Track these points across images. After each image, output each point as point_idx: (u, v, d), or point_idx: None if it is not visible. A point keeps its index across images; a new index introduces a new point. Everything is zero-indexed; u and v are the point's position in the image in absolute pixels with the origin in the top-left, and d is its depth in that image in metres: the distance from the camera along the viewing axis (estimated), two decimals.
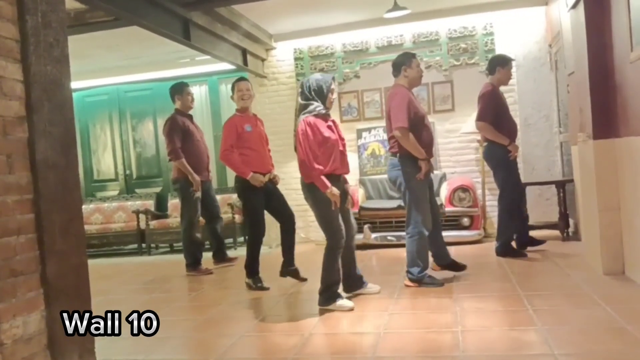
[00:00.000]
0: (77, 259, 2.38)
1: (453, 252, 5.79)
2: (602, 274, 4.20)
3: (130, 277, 6.07)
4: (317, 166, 3.76)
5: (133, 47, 7.20)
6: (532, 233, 6.30)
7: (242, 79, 5.14)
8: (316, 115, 3.83)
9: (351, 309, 3.81)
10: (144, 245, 7.76)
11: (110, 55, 7.57)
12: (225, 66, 7.53)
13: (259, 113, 5.21)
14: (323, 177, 3.77)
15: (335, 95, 4.03)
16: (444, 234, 6.12)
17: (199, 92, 8.61)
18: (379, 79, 7.00)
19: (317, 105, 3.85)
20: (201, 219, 5.82)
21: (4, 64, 2.12)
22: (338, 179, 3.93)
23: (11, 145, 2.13)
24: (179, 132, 5.49)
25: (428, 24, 7.04)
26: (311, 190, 3.84)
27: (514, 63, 6.80)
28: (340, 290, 4.04)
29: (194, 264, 5.64)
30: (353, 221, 4.22)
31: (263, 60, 7.61)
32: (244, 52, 6.92)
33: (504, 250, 5.22)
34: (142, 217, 7.70)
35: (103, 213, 8.31)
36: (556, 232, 6.04)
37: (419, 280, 4.30)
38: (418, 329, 3.40)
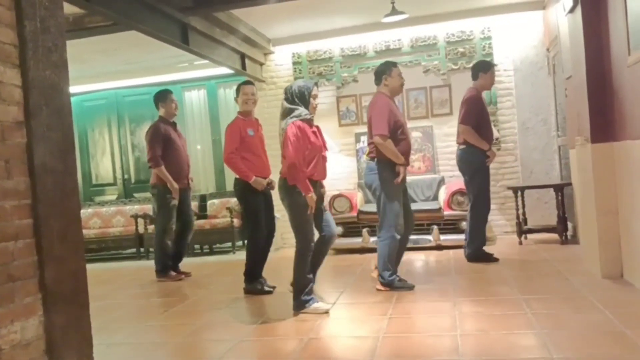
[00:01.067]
0: (75, 263, 2.38)
1: (451, 255, 5.82)
2: (601, 278, 4.21)
3: (129, 282, 6.05)
4: (303, 169, 3.82)
5: (131, 52, 7.21)
6: (531, 237, 6.33)
7: (248, 82, 5.09)
8: (302, 120, 3.89)
9: (326, 312, 3.84)
10: (142, 249, 7.75)
11: (109, 60, 7.57)
12: (224, 70, 7.55)
13: (256, 116, 5.17)
14: (307, 181, 3.83)
15: (317, 101, 4.06)
16: (442, 237, 6.21)
17: (197, 96, 8.63)
18: None
19: (302, 111, 3.92)
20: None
21: (2, 69, 2.12)
22: (315, 185, 3.97)
23: (9, 150, 2.13)
24: (160, 140, 5.49)
25: (426, 28, 7.06)
26: (290, 192, 3.87)
27: (511, 66, 6.86)
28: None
29: (163, 270, 5.66)
30: (331, 220, 4.16)
31: (261, 64, 7.62)
32: (243, 57, 6.93)
33: (475, 256, 5.23)
34: (140, 221, 7.69)
35: (101, 217, 8.30)
36: (555, 236, 6.04)
37: (390, 284, 4.34)
38: (417, 333, 3.40)
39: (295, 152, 3.79)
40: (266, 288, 4.71)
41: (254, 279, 4.74)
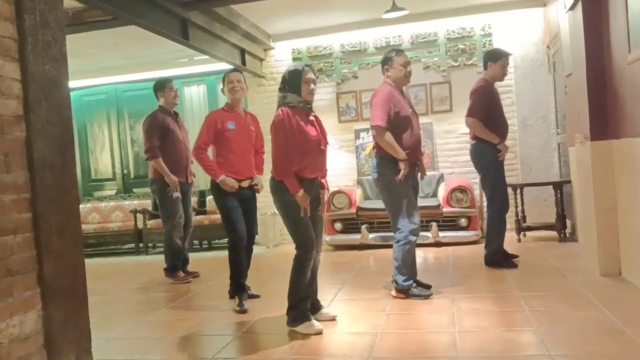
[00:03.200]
0: (74, 258, 2.38)
1: (450, 252, 5.83)
2: (599, 275, 4.21)
3: (127, 277, 6.06)
4: (290, 163, 3.41)
5: (131, 47, 7.20)
6: (530, 234, 6.34)
7: (233, 70, 4.66)
8: (294, 107, 3.47)
9: (318, 333, 3.40)
10: (141, 244, 7.77)
11: (109, 55, 7.56)
12: (224, 66, 7.50)
13: (256, 113, 5.05)
14: (294, 178, 3.41)
15: (313, 86, 3.53)
16: (442, 234, 6.21)
17: (197, 92, 8.63)
18: (377, 80, 6.85)
19: (293, 97, 3.49)
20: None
21: (2, 62, 2.12)
22: (311, 183, 3.52)
23: (8, 144, 2.12)
24: (157, 130, 5.24)
25: (426, 24, 7.06)
26: (279, 191, 3.46)
27: (511, 63, 6.84)
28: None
29: (171, 269, 5.41)
30: (321, 232, 3.72)
31: (261, 60, 7.61)
32: (243, 52, 6.92)
33: (492, 260, 4.90)
34: (139, 216, 7.70)
35: (100, 212, 8.30)
36: (553, 233, 6.05)
37: (405, 291, 4.06)
38: (415, 329, 3.40)
39: (279, 142, 3.42)
40: (241, 308, 4.10)
41: (238, 289, 4.29)
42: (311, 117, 3.57)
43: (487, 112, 4.85)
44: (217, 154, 4.32)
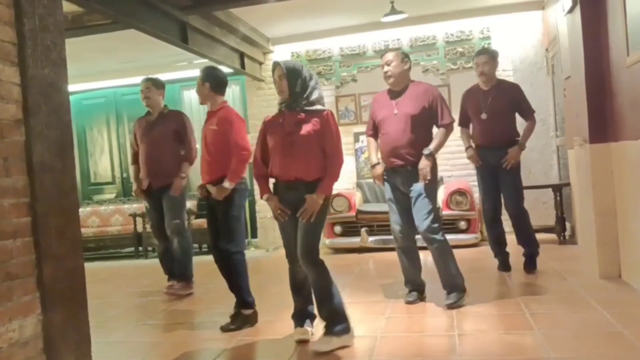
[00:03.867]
0: (74, 262, 2.38)
1: None
2: (599, 278, 4.21)
3: (127, 281, 6.05)
4: (257, 167, 3.41)
5: (130, 50, 7.20)
6: None
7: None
8: (280, 111, 3.34)
9: (297, 340, 3.33)
10: (140, 248, 7.75)
11: (108, 59, 7.57)
12: (223, 69, 7.53)
13: (255, 117, 4.95)
14: (262, 181, 3.36)
15: (281, 83, 3.23)
16: None
17: (196, 95, 8.58)
18: (376, 83, 6.94)
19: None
20: None
21: (1, 67, 2.12)
22: (287, 186, 3.23)
23: (8, 148, 2.12)
24: (133, 136, 5.21)
25: (425, 28, 7.07)
26: None
27: (510, 66, 6.86)
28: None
29: (168, 278, 5.13)
30: (303, 242, 3.15)
31: (260, 63, 7.63)
32: (242, 56, 6.93)
33: (505, 267, 4.80)
34: (139, 220, 7.69)
35: (100, 216, 8.30)
36: (553, 236, 6.05)
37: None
38: (415, 332, 3.40)
39: (255, 148, 3.49)
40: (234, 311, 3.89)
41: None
42: (280, 119, 3.26)
43: (461, 117, 4.92)
44: None
